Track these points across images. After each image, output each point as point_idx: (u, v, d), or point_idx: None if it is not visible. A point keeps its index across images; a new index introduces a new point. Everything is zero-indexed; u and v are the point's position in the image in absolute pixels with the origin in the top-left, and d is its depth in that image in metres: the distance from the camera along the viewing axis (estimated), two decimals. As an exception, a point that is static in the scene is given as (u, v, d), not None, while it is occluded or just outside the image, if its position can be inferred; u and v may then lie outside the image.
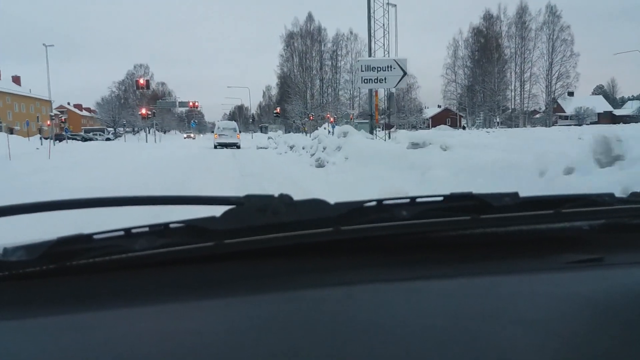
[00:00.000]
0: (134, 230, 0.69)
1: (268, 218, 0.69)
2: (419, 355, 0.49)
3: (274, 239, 0.69)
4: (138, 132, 73.91)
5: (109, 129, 68.08)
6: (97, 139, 50.83)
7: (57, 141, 35.84)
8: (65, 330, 0.56)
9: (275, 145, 24.10)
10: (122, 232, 0.68)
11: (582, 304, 0.61)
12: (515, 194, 0.78)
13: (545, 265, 0.73)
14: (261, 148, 25.49)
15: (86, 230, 0.68)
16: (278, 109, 31.23)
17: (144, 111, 28.30)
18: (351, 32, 67.50)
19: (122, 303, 0.61)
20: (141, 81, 28.72)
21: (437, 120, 75.13)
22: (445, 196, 0.79)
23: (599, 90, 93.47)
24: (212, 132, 30.98)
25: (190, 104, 52.76)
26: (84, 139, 49.47)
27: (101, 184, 9.09)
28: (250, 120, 66.27)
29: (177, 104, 67.98)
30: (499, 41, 64.69)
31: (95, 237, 0.67)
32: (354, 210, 0.73)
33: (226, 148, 26.85)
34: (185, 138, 68.09)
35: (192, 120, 66.94)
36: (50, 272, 0.65)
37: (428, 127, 65.64)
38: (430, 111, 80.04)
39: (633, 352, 0.50)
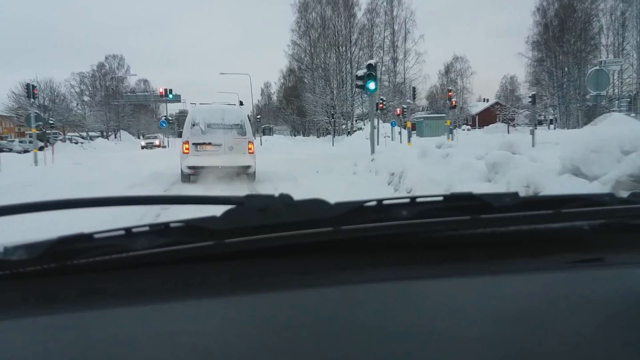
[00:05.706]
0: (134, 230, 0.69)
1: (268, 218, 0.69)
2: (419, 355, 0.49)
3: (274, 238, 0.70)
4: (109, 135, 54.95)
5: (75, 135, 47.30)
6: (6, 150, 30.74)
7: None
8: (65, 330, 0.56)
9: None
10: (122, 232, 0.68)
11: (582, 304, 0.61)
12: (515, 194, 0.79)
13: (545, 265, 0.74)
14: None
15: (86, 229, 0.68)
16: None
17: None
18: (393, -5, 49.29)
19: (123, 302, 0.62)
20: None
21: (484, 117, 55.95)
22: (445, 196, 0.79)
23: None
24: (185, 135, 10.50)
25: (160, 90, 35.48)
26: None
27: None
28: (255, 119, 46.95)
29: (152, 97, 50.22)
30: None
31: (95, 236, 0.67)
32: (354, 210, 0.73)
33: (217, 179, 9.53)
34: (143, 147, 38.89)
35: (162, 118, 42.88)
36: (51, 271, 0.65)
37: (472, 127, 47.86)
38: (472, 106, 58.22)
39: (633, 353, 0.50)
